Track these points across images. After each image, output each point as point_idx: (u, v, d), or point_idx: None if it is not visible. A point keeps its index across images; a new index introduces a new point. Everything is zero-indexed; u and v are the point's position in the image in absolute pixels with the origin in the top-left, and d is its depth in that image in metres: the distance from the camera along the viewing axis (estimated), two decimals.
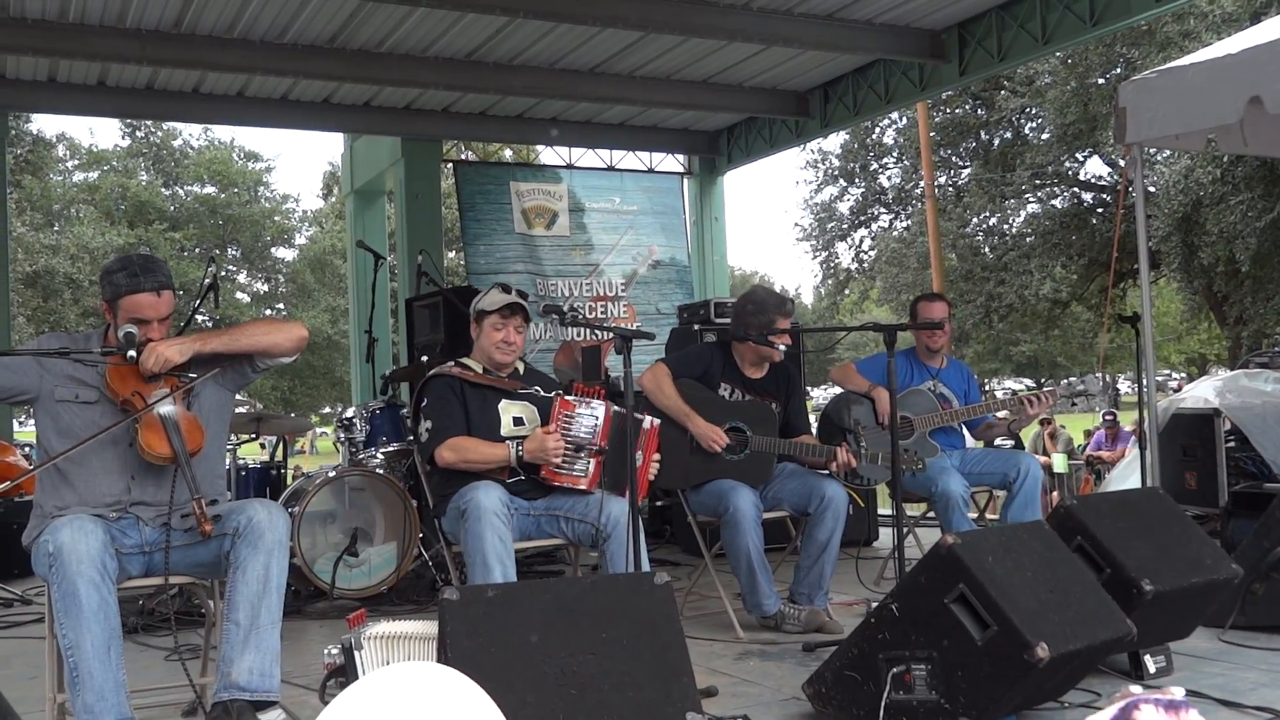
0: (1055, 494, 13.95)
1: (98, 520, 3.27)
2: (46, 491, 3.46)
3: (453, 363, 4.49)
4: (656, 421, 4.42)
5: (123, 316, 3.50)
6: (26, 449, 10.15)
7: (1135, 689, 2.65)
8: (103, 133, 70.72)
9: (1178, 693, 2.39)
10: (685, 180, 11.85)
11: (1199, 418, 6.46)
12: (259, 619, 3.31)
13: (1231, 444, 6.40)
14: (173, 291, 3.59)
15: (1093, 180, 23.62)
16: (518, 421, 4.40)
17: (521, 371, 4.61)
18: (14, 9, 7.42)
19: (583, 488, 4.24)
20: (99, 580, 3.09)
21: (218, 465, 3.64)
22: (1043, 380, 36.59)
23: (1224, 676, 3.84)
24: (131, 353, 3.29)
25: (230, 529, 3.38)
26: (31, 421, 3.54)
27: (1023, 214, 24.38)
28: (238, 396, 3.81)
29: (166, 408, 3.44)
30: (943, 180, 23.85)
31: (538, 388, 4.50)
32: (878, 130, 24.80)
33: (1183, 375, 38.27)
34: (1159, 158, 18.85)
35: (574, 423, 4.24)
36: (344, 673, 3.16)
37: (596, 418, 4.23)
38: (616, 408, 4.28)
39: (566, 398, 4.29)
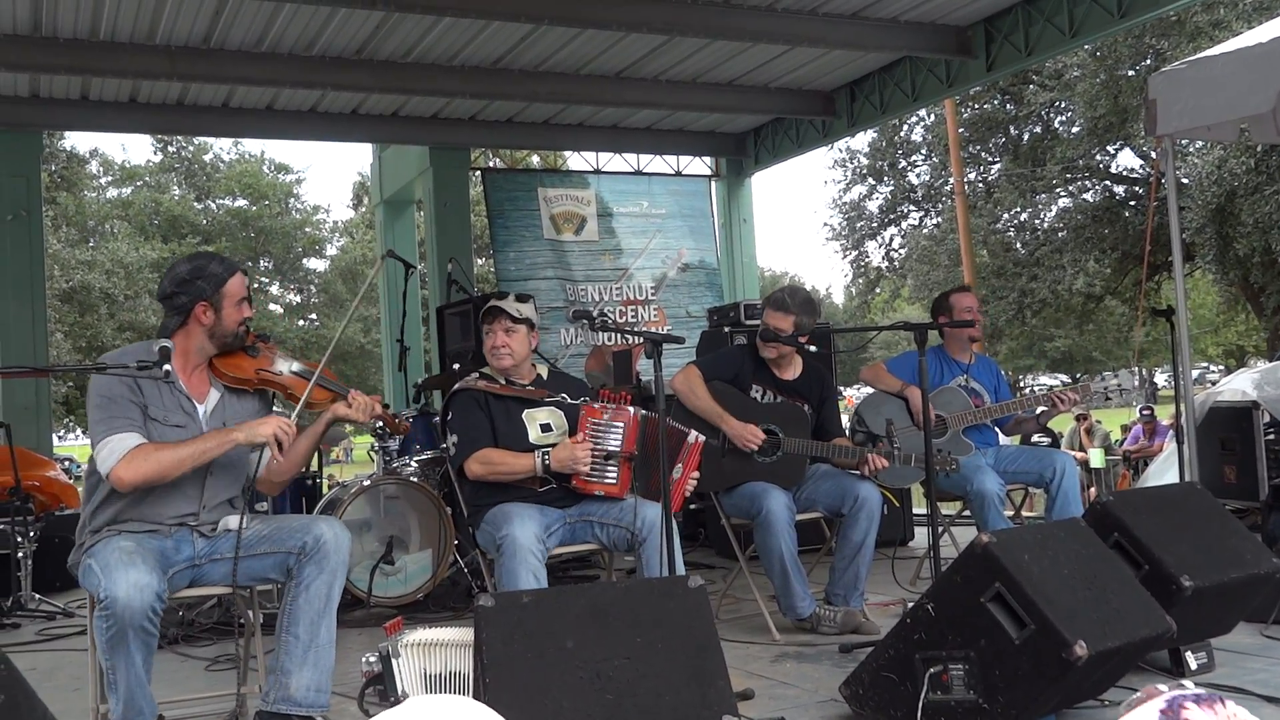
0: (1092, 490, 13.85)
1: (151, 559, 3.25)
2: (103, 505, 3.46)
3: (477, 374, 4.51)
4: (702, 438, 4.40)
5: (229, 302, 3.58)
6: (66, 463, 10.29)
7: (1161, 686, 2.66)
8: (135, 148, 71.57)
9: (1189, 686, 2.38)
10: (713, 182, 11.85)
11: (1237, 410, 6.38)
12: (318, 636, 3.39)
13: (1271, 436, 6.32)
14: None
15: (1124, 173, 23.42)
16: (545, 428, 4.40)
17: (545, 376, 4.61)
18: (46, 29, 7.52)
19: (614, 494, 4.24)
20: (148, 627, 3.13)
21: (239, 475, 3.68)
22: (1077, 376, 36.31)
23: (1266, 672, 3.80)
24: (167, 366, 3.32)
25: (295, 546, 3.42)
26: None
27: (1054, 208, 24.22)
28: (274, 408, 3.85)
29: (295, 365, 3.69)
30: (972, 176, 23.73)
31: (564, 395, 4.50)
32: (905, 128, 24.71)
33: (1220, 367, 37.89)
34: (1191, 149, 18.66)
35: (601, 430, 4.24)
36: (381, 680, 3.18)
37: (623, 424, 4.23)
38: (644, 412, 4.28)
39: (593, 405, 4.29)
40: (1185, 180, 18.78)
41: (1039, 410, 5.58)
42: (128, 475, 3.32)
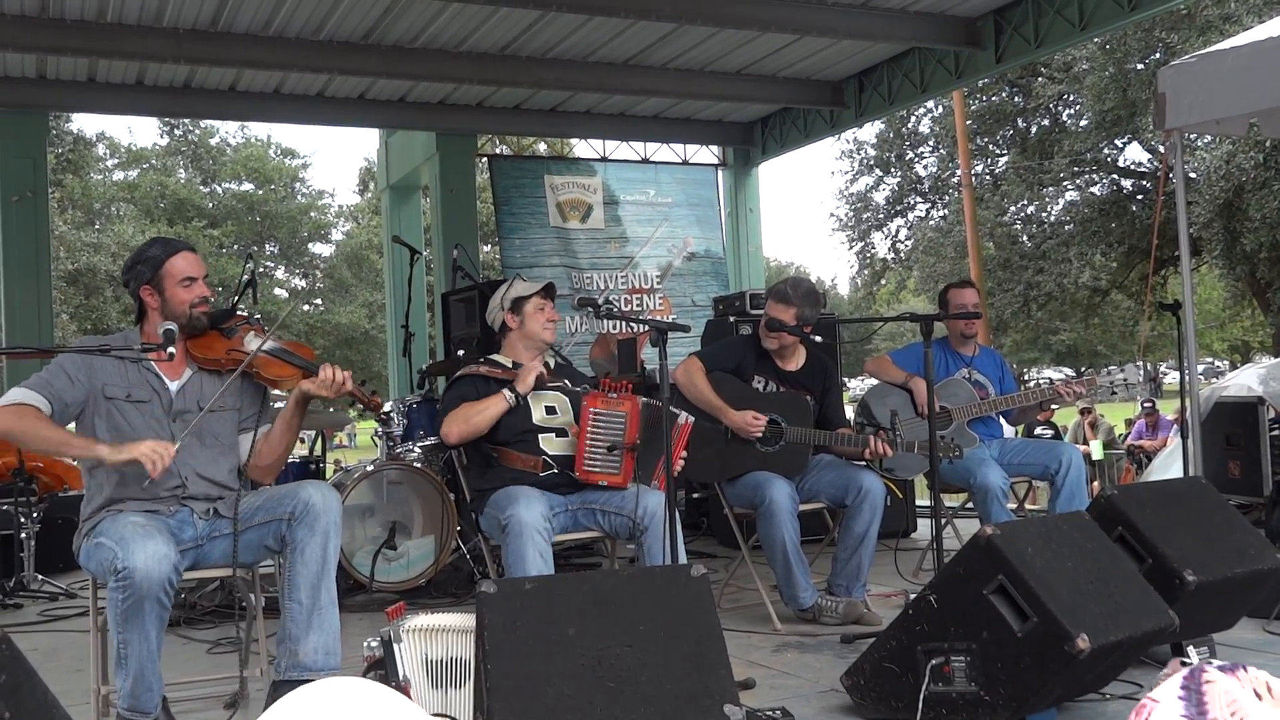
0: (1096, 483, 13.83)
1: (165, 533, 3.28)
2: (98, 490, 3.47)
3: (480, 361, 4.51)
4: (691, 419, 4.41)
5: (171, 282, 3.56)
6: None
7: (1186, 660, 2.65)
8: (141, 131, 71.59)
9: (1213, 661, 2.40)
10: (720, 172, 11.83)
11: (1242, 406, 6.38)
12: (320, 599, 3.41)
13: (1276, 432, 6.32)
14: None
15: (1132, 167, 23.35)
16: (550, 410, 4.42)
17: (553, 366, 4.64)
18: (53, 10, 7.51)
19: (619, 484, 4.24)
20: (164, 599, 3.16)
21: (230, 457, 3.69)
22: (1082, 370, 36.29)
23: (1269, 668, 3.77)
24: (171, 349, 3.32)
25: (285, 513, 3.44)
26: (73, 423, 3.56)
27: (1061, 202, 24.15)
28: (276, 391, 3.84)
29: (269, 344, 3.61)
30: (980, 169, 23.66)
31: (566, 381, 4.52)
32: (913, 119, 24.64)
33: (1226, 363, 37.82)
34: (1200, 143, 18.59)
35: (604, 420, 4.24)
36: (383, 665, 3.18)
37: (626, 413, 4.23)
38: (645, 400, 4.28)
39: (594, 395, 4.29)
40: (1193, 175, 18.71)
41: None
42: None
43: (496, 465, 4.35)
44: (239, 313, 3.79)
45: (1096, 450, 15.70)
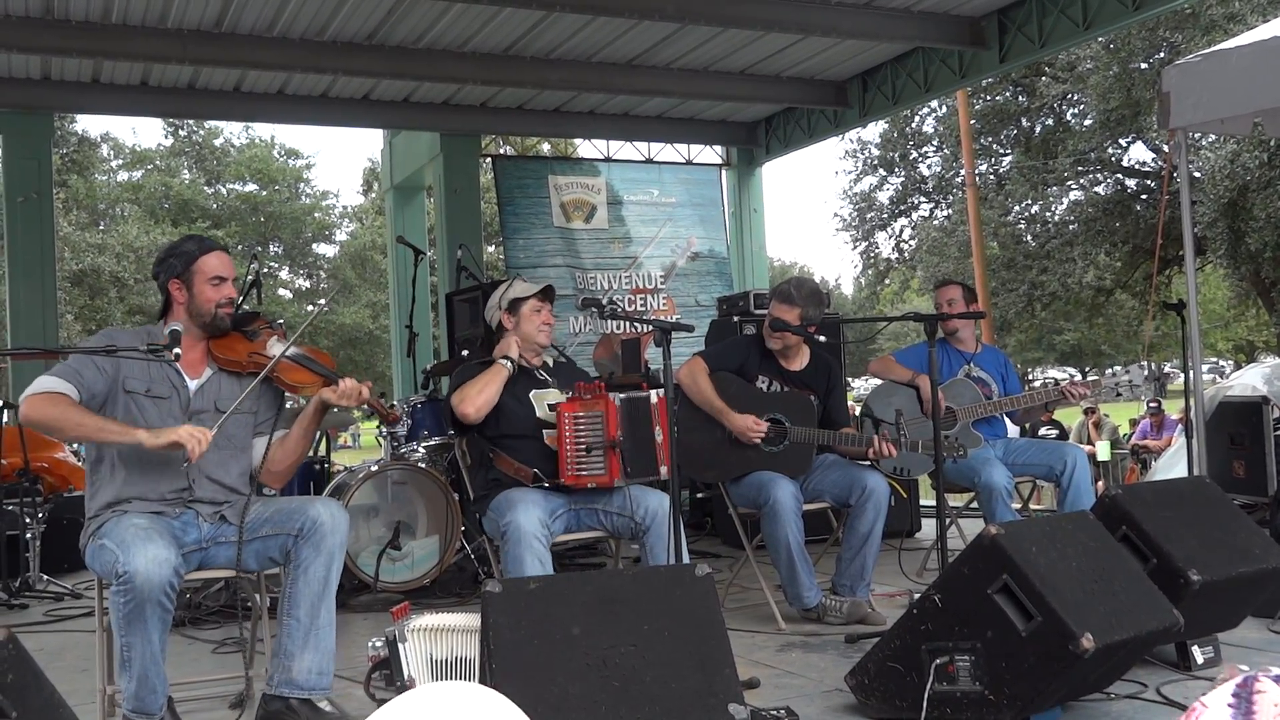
0: (1100, 483, 13.83)
1: (167, 536, 3.28)
2: (102, 487, 3.48)
3: (478, 363, 4.53)
4: (660, 393, 4.40)
5: (200, 279, 3.57)
6: (75, 444, 10.29)
7: (1243, 666, 2.65)
8: (146, 132, 71.59)
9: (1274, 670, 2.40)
10: (723, 172, 11.81)
11: (1247, 405, 6.38)
12: (318, 619, 3.40)
13: None
14: None
15: (1136, 166, 23.33)
16: (553, 408, 4.42)
17: (552, 364, 4.66)
18: (58, 11, 7.52)
19: (605, 484, 4.22)
20: (165, 603, 3.16)
21: (243, 460, 3.69)
22: (1086, 369, 36.26)
23: (1274, 668, 3.79)
24: (177, 349, 3.32)
25: (293, 529, 3.43)
26: None
27: (1065, 201, 24.13)
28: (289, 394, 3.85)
29: (292, 350, 3.60)
30: (984, 168, 23.64)
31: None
32: (917, 119, 24.63)
33: (1230, 362, 37.77)
34: (1204, 142, 18.56)
35: (582, 423, 4.24)
36: (388, 665, 3.19)
37: (603, 412, 4.21)
38: (621, 395, 4.27)
39: (570, 401, 4.29)
40: (1197, 174, 18.68)
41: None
42: (30, 408, 3.31)
43: (492, 467, 4.37)
44: (261, 316, 3.79)
45: (1101, 450, 15.70)
